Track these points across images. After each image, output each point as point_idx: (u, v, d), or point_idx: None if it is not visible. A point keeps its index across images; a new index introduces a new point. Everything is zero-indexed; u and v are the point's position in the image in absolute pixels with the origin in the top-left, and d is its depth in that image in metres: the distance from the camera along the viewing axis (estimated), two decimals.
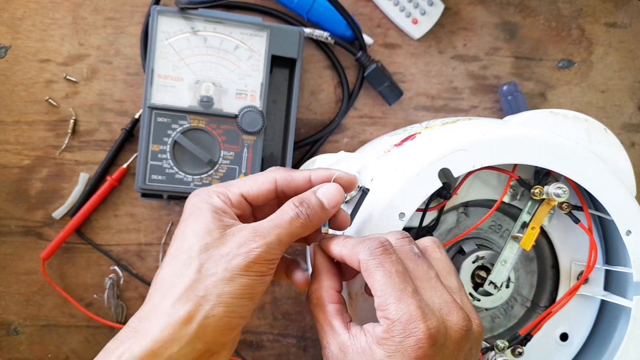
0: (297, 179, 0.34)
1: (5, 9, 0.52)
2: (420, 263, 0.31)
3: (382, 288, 0.29)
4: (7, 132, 0.53)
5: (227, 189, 0.33)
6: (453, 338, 0.29)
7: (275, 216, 0.32)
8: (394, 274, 0.30)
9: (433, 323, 0.28)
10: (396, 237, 0.33)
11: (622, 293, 0.43)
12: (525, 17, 0.58)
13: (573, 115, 0.42)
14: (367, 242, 0.31)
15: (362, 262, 0.31)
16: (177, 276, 0.30)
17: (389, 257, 0.30)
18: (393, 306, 0.29)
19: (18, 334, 0.54)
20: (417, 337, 0.28)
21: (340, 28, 0.54)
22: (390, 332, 0.29)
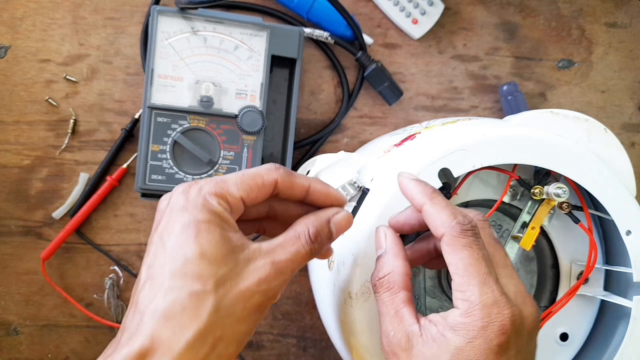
0: (296, 187, 0.31)
1: (5, 9, 0.52)
2: (499, 249, 0.31)
3: (467, 268, 0.28)
4: (7, 132, 0.53)
5: (225, 190, 0.29)
6: (528, 327, 0.29)
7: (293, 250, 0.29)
8: (481, 257, 0.29)
9: (516, 310, 0.28)
10: (478, 217, 0.32)
11: (622, 293, 0.43)
12: (525, 17, 0.58)
13: (573, 115, 0.42)
14: (460, 218, 0.30)
15: (447, 237, 0.29)
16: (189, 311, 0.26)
17: (478, 240, 0.29)
18: (476, 288, 0.28)
19: (18, 334, 0.54)
20: (502, 322, 0.27)
21: (340, 28, 0.54)
22: (470, 316, 0.27)
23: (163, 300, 0.26)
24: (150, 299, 0.26)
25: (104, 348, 0.55)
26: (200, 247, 0.27)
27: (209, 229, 0.27)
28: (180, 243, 0.27)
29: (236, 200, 0.29)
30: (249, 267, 0.27)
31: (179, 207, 0.28)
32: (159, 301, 0.26)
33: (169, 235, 0.27)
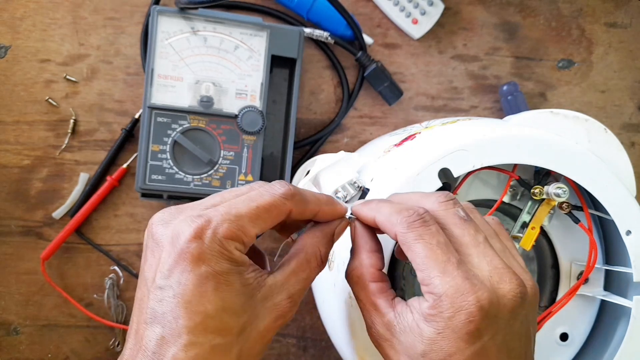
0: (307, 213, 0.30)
1: (5, 9, 0.52)
2: (467, 227, 0.29)
3: (424, 261, 0.27)
4: (7, 132, 0.53)
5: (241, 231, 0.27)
6: (507, 307, 0.27)
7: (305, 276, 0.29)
8: (434, 246, 0.27)
9: (484, 294, 0.26)
10: (439, 199, 0.30)
11: (622, 293, 0.43)
12: (525, 17, 0.58)
13: (573, 115, 0.42)
14: (404, 213, 0.28)
15: (399, 235, 0.28)
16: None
17: (428, 229, 0.28)
18: (437, 279, 0.26)
19: (18, 334, 0.54)
20: (468, 310, 0.26)
21: (340, 28, 0.54)
22: (437, 308, 0.26)
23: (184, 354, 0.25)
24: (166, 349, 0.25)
25: (104, 348, 0.55)
26: (222, 302, 0.25)
27: (229, 281, 0.26)
28: (198, 298, 0.25)
29: (251, 238, 0.28)
30: (267, 305, 0.27)
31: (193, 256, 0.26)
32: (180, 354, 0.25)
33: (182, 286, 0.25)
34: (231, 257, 0.26)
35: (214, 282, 0.25)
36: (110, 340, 0.55)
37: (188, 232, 0.26)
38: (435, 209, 0.29)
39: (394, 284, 0.44)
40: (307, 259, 0.29)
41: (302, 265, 0.29)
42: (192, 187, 0.49)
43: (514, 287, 0.27)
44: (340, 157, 0.43)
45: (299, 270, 0.29)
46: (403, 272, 0.44)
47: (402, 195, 0.32)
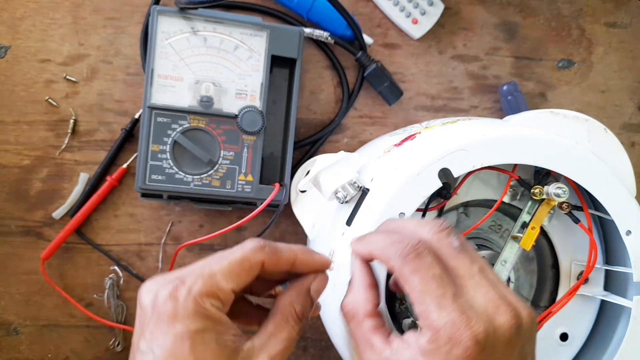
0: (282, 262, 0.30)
1: (5, 9, 0.52)
2: (462, 258, 0.29)
3: (420, 295, 0.27)
4: (7, 132, 0.53)
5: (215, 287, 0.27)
6: (503, 338, 0.27)
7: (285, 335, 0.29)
8: (430, 279, 0.27)
9: (480, 328, 0.26)
10: (434, 229, 0.30)
11: (622, 293, 0.43)
12: (525, 17, 0.58)
13: (573, 115, 0.42)
14: (398, 246, 0.28)
15: (395, 269, 0.28)
16: None
17: (423, 262, 0.28)
18: (434, 314, 0.27)
19: (18, 334, 0.54)
20: (465, 345, 0.26)
21: (340, 28, 0.54)
22: (435, 342, 0.26)
23: None
24: None
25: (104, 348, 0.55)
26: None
27: (204, 340, 0.26)
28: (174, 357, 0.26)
29: (227, 294, 0.28)
30: None
31: (169, 316, 0.26)
32: None
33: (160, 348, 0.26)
34: (207, 314, 0.26)
35: (189, 342, 0.26)
36: (110, 340, 0.55)
37: (164, 293, 0.27)
38: (430, 238, 0.29)
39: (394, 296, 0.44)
40: (284, 318, 0.30)
41: (280, 326, 0.29)
42: (192, 187, 0.49)
43: (509, 319, 0.27)
44: (340, 157, 0.43)
45: (276, 332, 0.29)
46: None
47: (397, 221, 0.32)
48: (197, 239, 0.50)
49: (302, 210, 0.50)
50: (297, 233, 0.57)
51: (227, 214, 0.56)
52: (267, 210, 0.49)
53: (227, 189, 0.49)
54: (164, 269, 0.55)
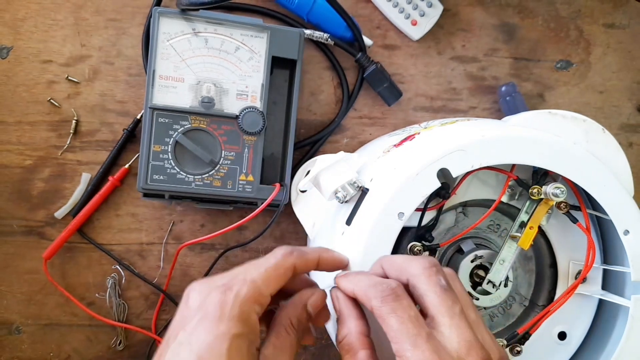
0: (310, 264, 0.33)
1: (7, 10, 0.52)
2: (445, 298, 0.30)
3: (397, 335, 0.29)
4: (9, 133, 0.53)
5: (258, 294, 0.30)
6: None
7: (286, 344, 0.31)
8: (406, 320, 0.29)
9: None
10: (423, 265, 0.31)
11: (620, 292, 0.43)
12: (524, 18, 0.58)
13: (571, 115, 0.42)
14: (379, 287, 0.30)
15: (374, 309, 0.30)
16: None
17: (401, 304, 0.30)
18: (409, 352, 0.28)
19: (20, 333, 0.55)
20: None
21: (340, 29, 0.54)
22: None
23: None
24: None
25: (106, 347, 0.55)
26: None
27: (240, 347, 0.28)
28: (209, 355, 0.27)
29: (267, 299, 0.30)
30: None
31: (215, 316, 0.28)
32: None
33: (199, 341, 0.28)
34: (248, 320, 0.29)
35: (227, 343, 0.27)
36: (112, 339, 0.56)
37: (215, 295, 0.29)
38: (419, 274, 0.31)
39: None
40: (284, 329, 0.32)
41: (281, 336, 0.31)
42: (193, 187, 0.49)
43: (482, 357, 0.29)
44: (340, 157, 0.44)
45: (278, 343, 0.31)
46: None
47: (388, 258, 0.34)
48: (199, 238, 0.50)
49: (302, 210, 0.50)
50: (297, 232, 0.57)
51: (228, 213, 0.56)
52: (267, 210, 0.50)
53: (228, 189, 0.50)
54: (165, 269, 0.56)
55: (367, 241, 0.37)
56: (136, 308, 0.56)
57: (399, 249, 0.44)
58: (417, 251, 0.42)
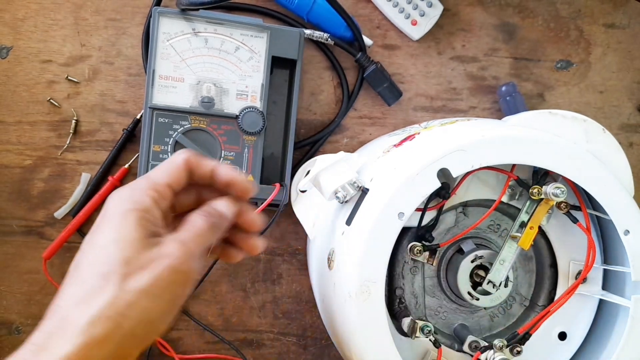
0: (203, 165, 0.34)
1: (7, 10, 0.52)
2: None
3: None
4: (9, 133, 0.53)
5: (154, 183, 0.31)
6: None
7: (190, 226, 0.31)
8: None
9: None
10: None
11: (620, 292, 0.43)
12: (524, 18, 0.58)
13: (571, 115, 0.42)
14: None
15: None
16: (95, 289, 0.27)
17: None
18: None
19: (20, 333, 0.55)
20: None
21: (340, 29, 0.54)
22: None
23: (74, 280, 0.28)
24: (66, 283, 0.28)
25: None
26: (115, 234, 0.29)
27: (127, 217, 0.29)
28: (102, 233, 0.29)
29: (163, 187, 0.32)
30: (160, 249, 0.29)
31: (112, 205, 0.30)
32: (73, 284, 0.28)
33: (97, 229, 0.30)
34: (137, 203, 0.30)
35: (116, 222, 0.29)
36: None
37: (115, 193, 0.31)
38: None
39: (392, 283, 0.44)
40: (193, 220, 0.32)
41: (192, 220, 0.32)
42: None
43: None
44: (340, 157, 0.43)
45: (189, 225, 0.31)
46: (402, 271, 0.45)
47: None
48: None
49: (302, 209, 0.50)
50: (297, 232, 0.57)
51: None
52: (267, 210, 0.50)
53: None
54: None
55: (367, 241, 0.37)
56: None
57: (399, 248, 0.44)
58: (417, 251, 0.42)
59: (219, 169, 0.34)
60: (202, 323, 0.56)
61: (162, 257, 0.28)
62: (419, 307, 0.45)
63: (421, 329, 0.41)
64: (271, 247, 0.57)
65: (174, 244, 0.29)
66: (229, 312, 0.57)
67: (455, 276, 0.43)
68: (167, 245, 0.29)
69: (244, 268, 0.57)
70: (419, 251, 0.42)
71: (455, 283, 0.43)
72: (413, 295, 0.45)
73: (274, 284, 0.57)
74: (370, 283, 0.37)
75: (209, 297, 0.57)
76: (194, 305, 0.57)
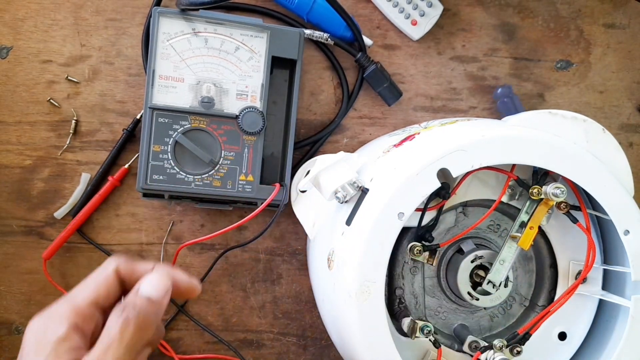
0: (138, 269, 0.31)
1: (7, 10, 0.52)
2: None
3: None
4: (9, 133, 0.53)
5: (75, 306, 0.29)
6: None
7: (104, 336, 0.28)
8: None
9: None
10: None
11: (620, 292, 0.43)
12: (524, 18, 0.58)
13: (571, 115, 0.42)
14: None
15: None
16: None
17: None
18: None
19: (20, 333, 0.55)
20: None
21: (340, 29, 0.54)
22: None
23: None
24: None
25: None
26: None
27: (39, 354, 0.27)
28: None
29: (87, 307, 0.29)
30: None
31: (27, 343, 0.28)
32: None
33: None
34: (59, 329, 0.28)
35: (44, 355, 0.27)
36: None
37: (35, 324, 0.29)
38: None
39: (392, 283, 0.44)
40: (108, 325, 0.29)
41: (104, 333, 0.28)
42: (193, 187, 0.49)
43: None
44: (340, 157, 0.44)
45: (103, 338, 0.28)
46: (402, 271, 0.45)
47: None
48: (198, 238, 0.50)
49: (302, 210, 0.50)
50: (297, 232, 0.57)
51: (228, 213, 0.56)
52: (267, 210, 0.50)
53: (228, 189, 0.50)
54: None
55: (367, 241, 0.37)
56: None
57: (399, 249, 0.44)
58: (417, 251, 0.42)
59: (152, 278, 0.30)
60: (201, 323, 0.56)
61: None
62: (418, 307, 0.45)
63: (421, 329, 0.41)
64: (271, 247, 0.57)
65: None
66: (229, 312, 0.57)
67: (455, 276, 0.43)
68: None
69: (244, 268, 0.57)
70: (419, 251, 0.42)
71: (455, 283, 0.43)
72: (413, 296, 0.45)
73: (273, 284, 0.57)
74: (370, 283, 0.37)
75: (208, 297, 0.57)
76: (193, 306, 0.57)
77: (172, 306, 0.56)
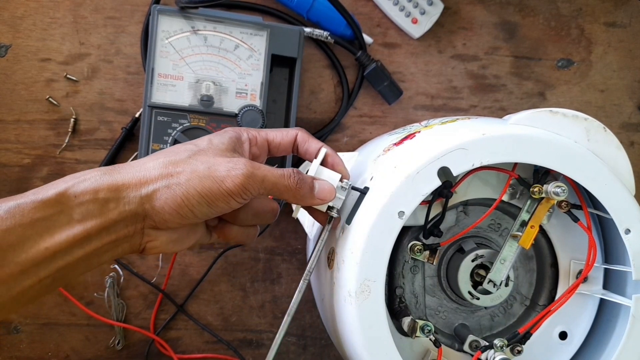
0: (311, 146, 0.39)
1: (6, 8, 0.52)
2: None
3: None
4: (8, 131, 0.53)
5: (257, 131, 0.38)
6: None
7: (273, 168, 0.36)
8: None
9: None
10: None
11: (621, 292, 0.43)
12: (525, 17, 0.58)
13: (572, 114, 0.42)
14: None
15: None
16: (173, 152, 0.35)
17: None
18: None
19: (18, 332, 0.55)
20: None
21: (340, 27, 0.54)
22: None
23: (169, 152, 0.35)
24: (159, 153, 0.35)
25: (104, 346, 0.55)
26: (212, 136, 0.36)
27: (224, 134, 0.37)
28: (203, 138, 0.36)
29: (262, 139, 0.38)
30: (232, 156, 0.35)
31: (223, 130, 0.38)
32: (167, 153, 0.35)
33: None
34: (238, 133, 0.38)
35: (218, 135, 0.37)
36: (111, 338, 0.56)
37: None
38: None
39: (392, 282, 0.44)
40: (282, 169, 0.36)
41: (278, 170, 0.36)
42: None
43: None
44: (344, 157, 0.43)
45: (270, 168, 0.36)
46: (403, 270, 0.44)
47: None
48: None
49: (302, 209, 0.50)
50: (297, 232, 0.57)
51: None
52: None
53: None
54: (164, 268, 0.55)
55: (367, 240, 0.37)
56: (135, 307, 0.56)
57: (399, 247, 0.44)
58: (417, 251, 0.42)
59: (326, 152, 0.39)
60: (200, 323, 0.56)
61: (227, 162, 0.34)
62: (419, 306, 0.45)
63: (421, 328, 0.41)
64: (271, 246, 0.57)
65: (246, 161, 0.34)
66: (229, 312, 0.57)
67: (455, 275, 0.43)
68: (240, 159, 0.34)
69: (243, 267, 0.57)
70: (419, 250, 0.42)
71: (455, 282, 0.43)
72: (413, 295, 0.45)
73: (273, 284, 0.57)
74: (370, 282, 0.37)
75: (208, 297, 0.56)
76: (193, 305, 0.56)
77: (172, 305, 0.56)
